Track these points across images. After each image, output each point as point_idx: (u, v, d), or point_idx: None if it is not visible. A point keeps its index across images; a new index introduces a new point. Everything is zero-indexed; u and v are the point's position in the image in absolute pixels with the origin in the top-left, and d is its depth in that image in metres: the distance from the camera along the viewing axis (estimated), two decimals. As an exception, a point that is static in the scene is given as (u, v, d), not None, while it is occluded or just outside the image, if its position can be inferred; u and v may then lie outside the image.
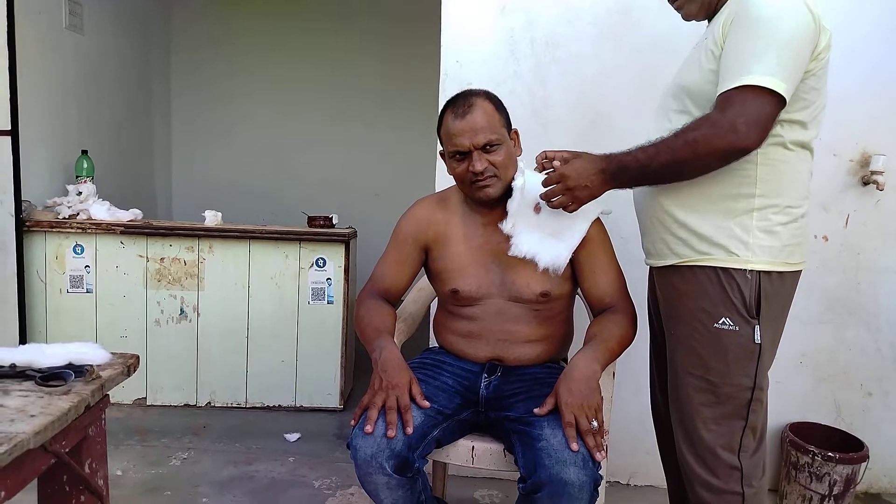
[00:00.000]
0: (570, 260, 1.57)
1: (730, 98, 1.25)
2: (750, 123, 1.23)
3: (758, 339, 1.35)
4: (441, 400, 1.50)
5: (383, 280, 1.67)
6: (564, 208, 1.43)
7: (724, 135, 1.24)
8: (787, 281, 1.38)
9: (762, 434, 1.44)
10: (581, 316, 1.74)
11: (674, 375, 1.48)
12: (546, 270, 1.56)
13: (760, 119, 1.23)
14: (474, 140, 1.50)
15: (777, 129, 1.29)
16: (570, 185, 1.39)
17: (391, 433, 1.35)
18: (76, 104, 3.20)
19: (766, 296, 1.35)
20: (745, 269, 1.34)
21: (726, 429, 1.39)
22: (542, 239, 1.56)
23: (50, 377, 1.14)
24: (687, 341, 1.43)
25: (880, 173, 2.10)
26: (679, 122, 1.37)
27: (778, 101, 1.23)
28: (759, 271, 1.34)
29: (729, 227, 1.35)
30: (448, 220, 1.65)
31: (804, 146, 1.35)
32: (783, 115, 1.28)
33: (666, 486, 1.76)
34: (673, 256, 1.43)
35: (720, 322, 1.36)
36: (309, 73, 4.45)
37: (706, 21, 1.46)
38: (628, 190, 1.48)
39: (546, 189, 1.44)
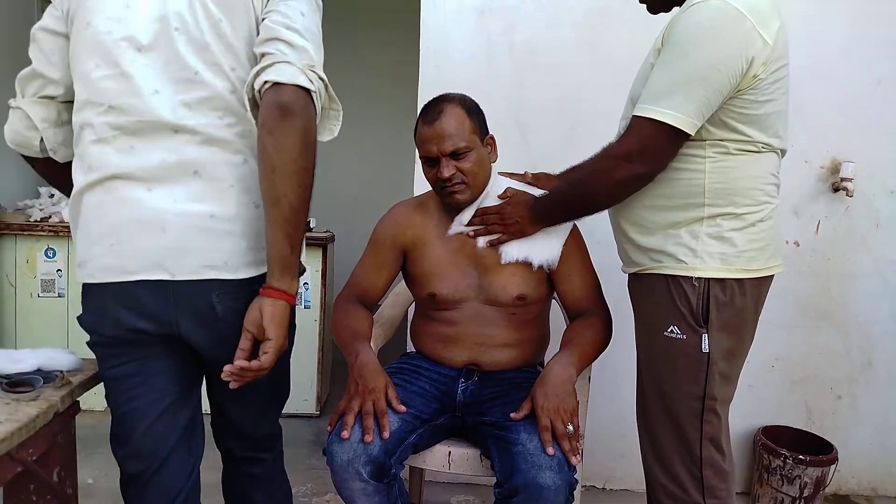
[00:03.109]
0: (547, 264, 1.58)
1: (631, 126, 1.29)
2: (644, 154, 1.28)
3: (705, 348, 1.33)
4: (418, 405, 1.50)
5: (361, 284, 1.67)
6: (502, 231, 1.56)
7: (620, 165, 1.30)
8: (747, 288, 1.35)
9: (727, 445, 1.42)
10: (557, 320, 1.75)
11: (637, 383, 1.49)
12: (523, 274, 1.57)
13: (656, 150, 1.27)
14: (441, 147, 1.50)
15: (723, 145, 1.30)
16: (505, 218, 1.54)
17: (368, 438, 1.34)
18: (48, 105, 3.15)
19: (717, 304, 1.33)
20: (692, 277, 1.33)
21: (684, 439, 1.38)
22: (530, 238, 1.57)
23: (18, 383, 1.12)
24: (644, 349, 1.45)
25: (849, 180, 2.15)
26: None
27: (677, 132, 1.25)
28: (709, 279, 1.32)
29: (678, 236, 1.35)
30: (426, 223, 1.65)
31: (759, 150, 1.33)
32: (720, 133, 1.29)
33: (644, 490, 1.77)
34: (633, 265, 1.45)
35: (669, 330, 1.36)
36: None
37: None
38: None
39: (482, 216, 1.57)
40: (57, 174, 1.25)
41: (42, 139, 1.17)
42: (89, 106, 1.08)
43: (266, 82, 1.01)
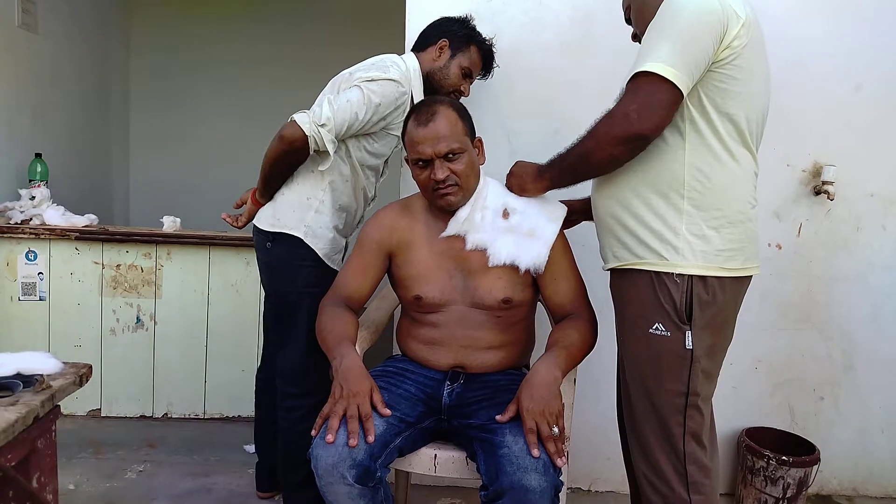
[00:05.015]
0: (533, 267, 1.59)
1: (625, 90, 1.33)
2: (641, 110, 1.29)
3: (689, 344, 1.36)
4: (403, 408, 1.49)
5: (346, 287, 1.66)
6: (510, 188, 1.64)
7: (618, 122, 1.31)
8: (727, 287, 1.37)
9: (711, 442, 1.44)
10: (543, 322, 1.75)
11: (622, 381, 1.51)
12: (509, 277, 1.57)
13: (652, 104, 1.28)
14: (436, 148, 1.50)
15: (700, 131, 1.33)
16: (513, 173, 1.64)
17: (353, 442, 1.33)
18: (30, 106, 3.11)
19: (699, 301, 1.35)
20: (674, 273, 1.35)
21: (667, 434, 1.40)
22: (517, 242, 1.57)
23: (-4, 388, 1.10)
24: (628, 346, 1.46)
25: (831, 183, 2.17)
26: None
27: (670, 86, 1.27)
28: (692, 276, 1.35)
29: (660, 231, 1.36)
30: (411, 226, 1.65)
31: (735, 151, 1.35)
32: (699, 103, 1.32)
33: (628, 492, 1.78)
34: (614, 259, 1.47)
35: (654, 328, 1.38)
36: (271, 76, 4.38)
37: None
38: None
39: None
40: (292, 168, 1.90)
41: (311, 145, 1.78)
42: None
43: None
